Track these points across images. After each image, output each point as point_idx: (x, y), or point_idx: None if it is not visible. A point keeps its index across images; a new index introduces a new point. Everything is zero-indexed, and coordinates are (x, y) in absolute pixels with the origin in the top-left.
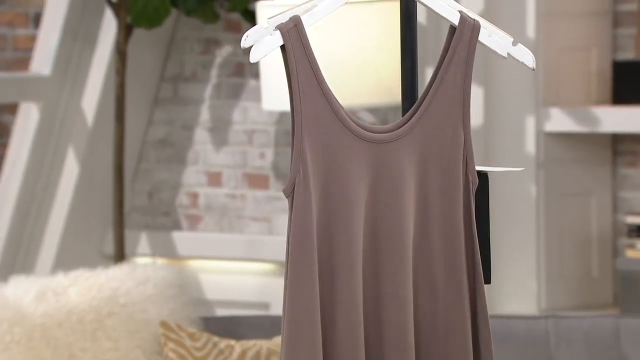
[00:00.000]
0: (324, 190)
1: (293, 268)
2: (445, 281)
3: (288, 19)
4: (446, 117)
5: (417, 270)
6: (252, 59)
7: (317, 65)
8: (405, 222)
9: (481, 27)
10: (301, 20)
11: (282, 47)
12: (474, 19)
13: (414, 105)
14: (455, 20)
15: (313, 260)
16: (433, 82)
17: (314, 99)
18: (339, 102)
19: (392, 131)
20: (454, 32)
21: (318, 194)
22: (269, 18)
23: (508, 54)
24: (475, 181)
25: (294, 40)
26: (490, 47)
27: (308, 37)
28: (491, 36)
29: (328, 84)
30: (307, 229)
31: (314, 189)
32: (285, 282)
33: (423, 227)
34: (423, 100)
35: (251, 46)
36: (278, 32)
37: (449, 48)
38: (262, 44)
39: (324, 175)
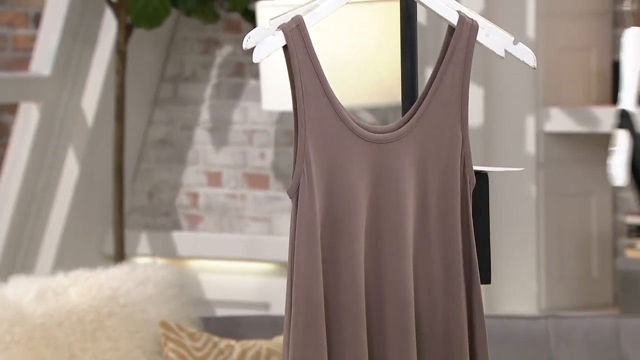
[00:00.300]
0: (327, 190)
1: (298, 268)
2: (442, 281)
3: (290, 19)
4: (445, 117)
5: (417, 270)
6: (256, 59)
7: (320, 65)
8: (406, 221)
9: (480, 27)
10: (303, 21)
11: (285, 48)
12: (472, 19)
13: (413, 105)
14: (454, 20)
15: (318, 260)
16: (432, 81)
17: (317, 99)
18: (340, 103)
19: (392, 131)
20: (453, 32)
21: (322, 194)
22: (270, 19)
23: (509, 53)
24: (472, 181)
25: (297, 41)
26: (488, 46)
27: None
28: (489, 36)
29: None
30: (312, 229)
31: (317, 189)
32: (289, 282)
33: (422, 226)
34: (422, 100)
35: (253, 47)
36: (281, 32)
37: (447, 48)
38: (265, 44)
39: (326, 175)
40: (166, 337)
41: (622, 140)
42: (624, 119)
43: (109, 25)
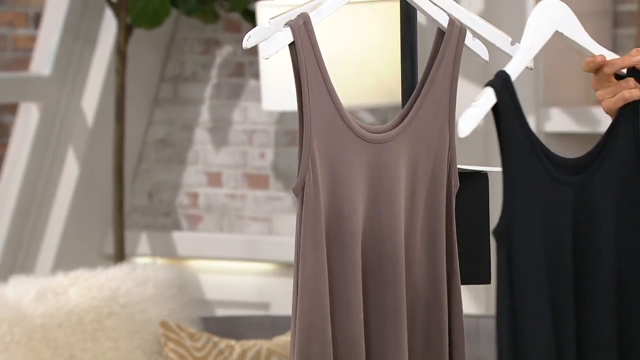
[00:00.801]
0: (331, 189)
1: (304, 265)
2: (426, 282)
3: (296, 16)
4: (435, 119)
5: (407, 271)
6: (265, 55)
7: (324, 63)
8: (400, 221)
9: (475, 28)
10: (310, 18)
11: (291, 44)
12: (461, 22)
13: (405, 106)
14: (444, 22)
15: (323, 258)
16: (424, 83)
17: (321, 97)
18: (340, 101)
19: (387, 131)
20: (442, 34)
21: (326, 192)
22: (270, 18)
23: (507, 54)
24: (456, 184)
25: (304, 38)
26: (473, 49)
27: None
28: (474, 39)
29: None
30: (317, 226)
31: (321, 188)
32: (296, 280)
33: (410, 227)
34: (415, 101)
35: (254, 46)
36: (288, 29)
37: (438, 50)
38: (274, 40)
39: (330, 174)
40: (166, 337)
41: (485, 97)
42: (497, 79)
43: (109, 25)
